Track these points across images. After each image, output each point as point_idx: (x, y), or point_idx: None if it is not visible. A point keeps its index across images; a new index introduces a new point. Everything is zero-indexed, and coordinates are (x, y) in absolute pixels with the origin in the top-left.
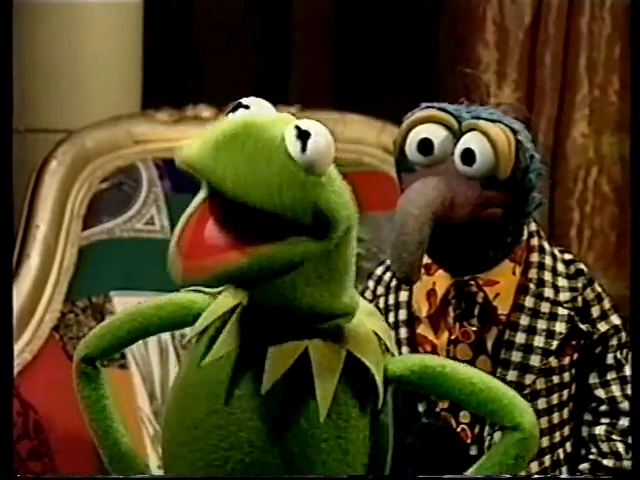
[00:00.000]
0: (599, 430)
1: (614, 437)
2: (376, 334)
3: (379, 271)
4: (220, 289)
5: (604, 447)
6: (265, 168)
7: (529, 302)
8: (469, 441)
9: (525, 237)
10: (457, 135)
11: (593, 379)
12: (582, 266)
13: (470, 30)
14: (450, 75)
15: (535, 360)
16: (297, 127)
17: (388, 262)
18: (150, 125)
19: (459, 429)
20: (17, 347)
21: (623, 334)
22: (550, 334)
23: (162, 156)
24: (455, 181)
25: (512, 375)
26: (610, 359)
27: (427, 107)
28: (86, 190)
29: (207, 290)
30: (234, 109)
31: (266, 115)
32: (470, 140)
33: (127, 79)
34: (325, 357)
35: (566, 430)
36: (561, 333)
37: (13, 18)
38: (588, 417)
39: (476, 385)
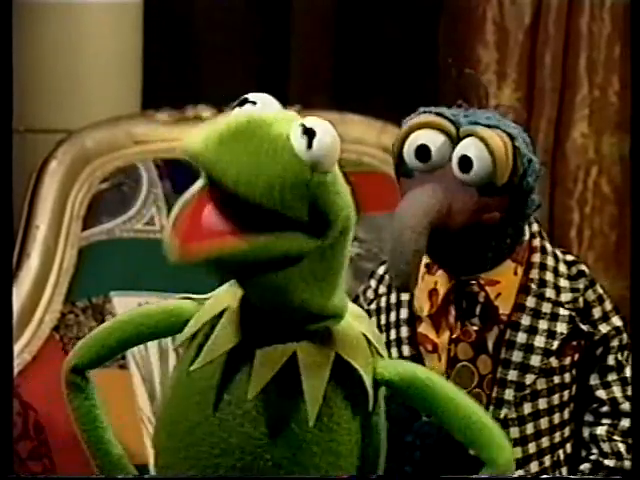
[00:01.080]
0: (600, 431)
1: (615, 437)
2: (365, 337)
3: (381, 270)
4: (208, 295)
5: (605, 447)
6: (269, 166)
7: (530, 302)
8: None
9: (527, 238)
10: (455, 141)
11: (594, 380)
12: (584, 267)
13: (470, 30)
14: (450, 75)
15: (536, 360)
16: (302, 125)
17: None
18: (150, 125)
19: None
20: (17, 347)
21: (624, 335)
22: (551, 334)
23: (162, 156)
24: (453, 187)
25: (512, 375)
26: (611, 360)
27: (425, 112)
28: (86, 190)
29: (195, 297)
30: (240, 104)
31: (272, 112)
32: (467, 147)
33: (127, 79)
34: (314, 360)
35: (566, 431)
36: (562, 333)
37: (13, 18)
38: (589, 418)
39: (461, 410)
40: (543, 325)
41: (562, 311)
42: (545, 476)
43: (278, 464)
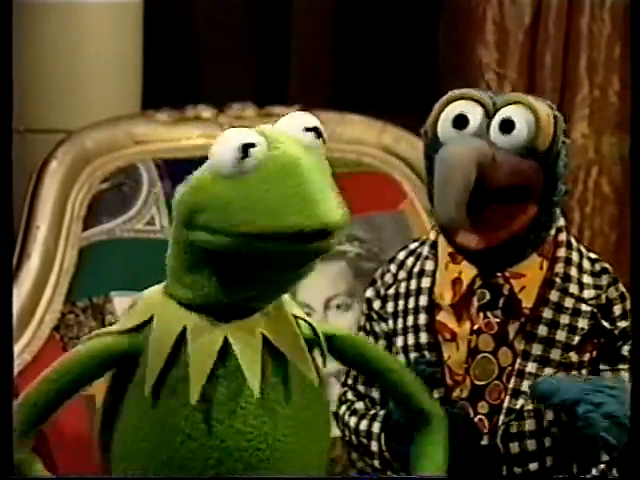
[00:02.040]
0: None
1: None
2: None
3: (401, 255)
4: (130, 326)
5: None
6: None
7: (554, 296)
8: (485, 431)
9: (553, 232)
10: (490, 115)
11: (603, 366)
12: (607, 265)
13: (470, 30)
14: (450, 75)
15: (556, 354)
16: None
17: (411, 246)
18: (150, 125)
19: (476, 419)
20: (17, 348)
21: None
22: (572, 329)
23: (162, 156)
24: (494, 148)
25: (531, 367)
26: (626, 351)
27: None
28: (86, 190)
29: (114, 329)
30: (245, 153)
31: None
32: (508, 110)
33: (127, 79)
34: (245, 341)
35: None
36: (583, 329)
37: (13, 18)
38: None
39: (394, 363)
40: (565, 320)
41: (584, 307)
42: (559, 477)
43: (273, 451)
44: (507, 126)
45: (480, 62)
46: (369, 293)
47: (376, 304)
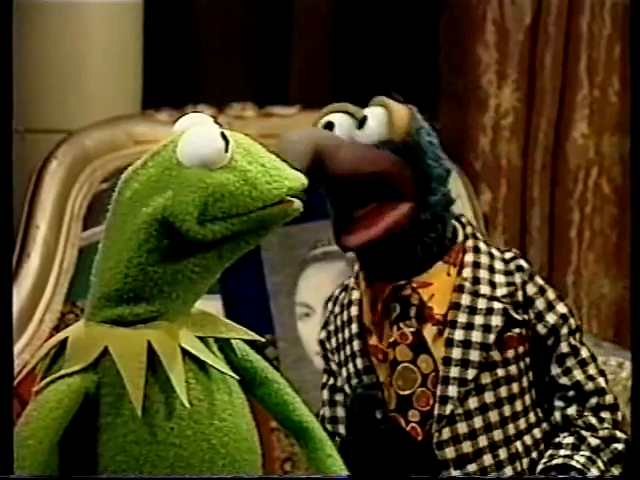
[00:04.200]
0: (571, 411)
1: (585, 414)
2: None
3: (336, 292)
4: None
5: (579, 423)
6: None
7: (465, 300)
8: (420, 438)
9: (461, 240)
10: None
11: (555, 370)
12: (522, 262)
13: (470, 30)
14: (450, 75)
15: (475, 355)
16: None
17: (345, 282)
18: (150, 125)
19: (409, 428)
20: (17, 347)
21: (572, 320)
22: (487, 328)
23: None
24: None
25: (455, 371)
26: (565, 347)
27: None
28: (86, 190)
29: (76, 369)
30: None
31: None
32: (366, 111)
33: (127, 79)
34: (166, 347)
35: (522, 422)
36: (497, 326)
37: (13, 18)
38: (559, 403)
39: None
40: (479, 320)
41: (497, 304)
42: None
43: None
44: (362, 123)
45: (480, 62)
46: (322, 335)
47: (327, 344)
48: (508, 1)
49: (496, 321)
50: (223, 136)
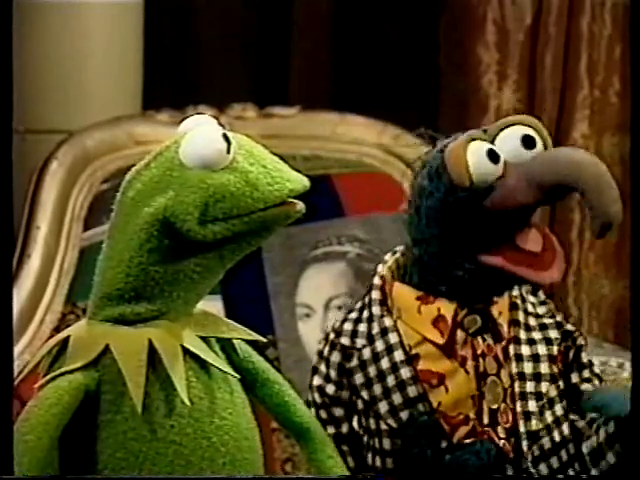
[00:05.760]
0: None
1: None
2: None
3: (349, 326)
4: (90, 359)
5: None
6: None
7: (522, 317)
8: (511, 455)
9: None
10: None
11: (575, 378)
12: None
13: (470, 31)
14: (450, 75)
15: (545, 368)
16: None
17: (352, 316)
18: (151, 126)
19: (501, 444)
20: (18, 348)
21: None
22: (548, 341)
23: None
24: None
25: (530, 386)
26: (584, 358)
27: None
28: (87, 191)
29: (75, 367)
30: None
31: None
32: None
33: (127, 80)
34: (166, 345)
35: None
36: (557, 338)
37: (13, 18)
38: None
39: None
40: (538, 335)
41: (546, 320)
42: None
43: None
44: (531, 142)
45: (480, 62)
46: (317, 382)
47: (329, 389)
48: (508, 1)
49: (554, 334)
50: (225, 137)
